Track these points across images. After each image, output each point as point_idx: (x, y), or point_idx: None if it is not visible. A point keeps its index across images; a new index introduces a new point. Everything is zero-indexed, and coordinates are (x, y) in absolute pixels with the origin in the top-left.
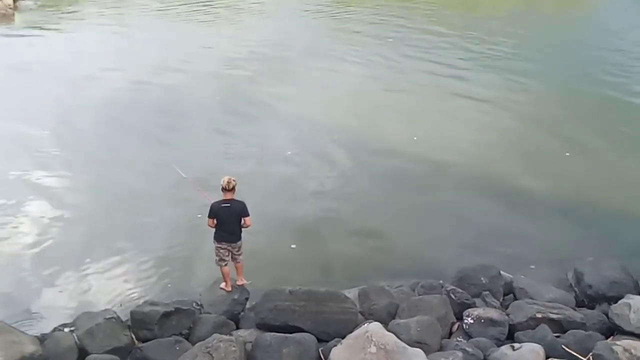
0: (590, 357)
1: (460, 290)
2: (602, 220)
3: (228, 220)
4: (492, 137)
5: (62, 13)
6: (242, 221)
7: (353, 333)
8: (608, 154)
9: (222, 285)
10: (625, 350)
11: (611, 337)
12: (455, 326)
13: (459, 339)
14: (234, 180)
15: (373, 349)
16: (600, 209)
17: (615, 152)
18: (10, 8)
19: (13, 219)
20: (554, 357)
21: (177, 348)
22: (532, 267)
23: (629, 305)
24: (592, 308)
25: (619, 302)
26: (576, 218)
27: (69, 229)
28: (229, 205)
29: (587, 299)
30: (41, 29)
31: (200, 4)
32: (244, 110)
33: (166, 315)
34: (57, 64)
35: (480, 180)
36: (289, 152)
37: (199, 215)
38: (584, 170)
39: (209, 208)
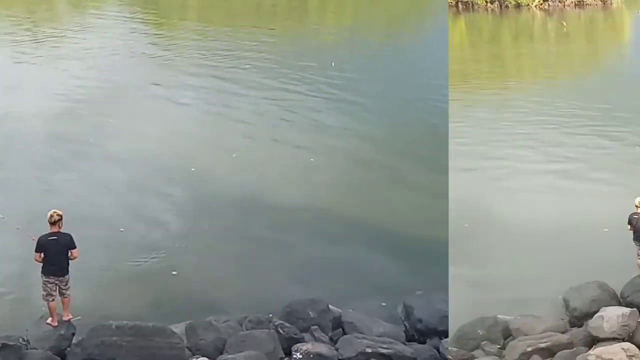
0: None
1: (288, 324)
2: (427, 254)
3: (55, 253)
4: (316, 175)
5: None
6: (70, 254)
7: None
8: (430, 188)
9: (49, 320)
10: None
11: None
12: None
13: None
14: (57, 214)
15: None
16: (427, 242)
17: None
18: None
19: None
20: None
21: None
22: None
23: None
24: (423, 342)
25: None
26: (404, 251)
27: None
28: (55, 237)
29: (418, 333)
30: None
31: None
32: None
33: None
34: None
35: (306, 214)
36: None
37: None
38: (405, 202)
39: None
